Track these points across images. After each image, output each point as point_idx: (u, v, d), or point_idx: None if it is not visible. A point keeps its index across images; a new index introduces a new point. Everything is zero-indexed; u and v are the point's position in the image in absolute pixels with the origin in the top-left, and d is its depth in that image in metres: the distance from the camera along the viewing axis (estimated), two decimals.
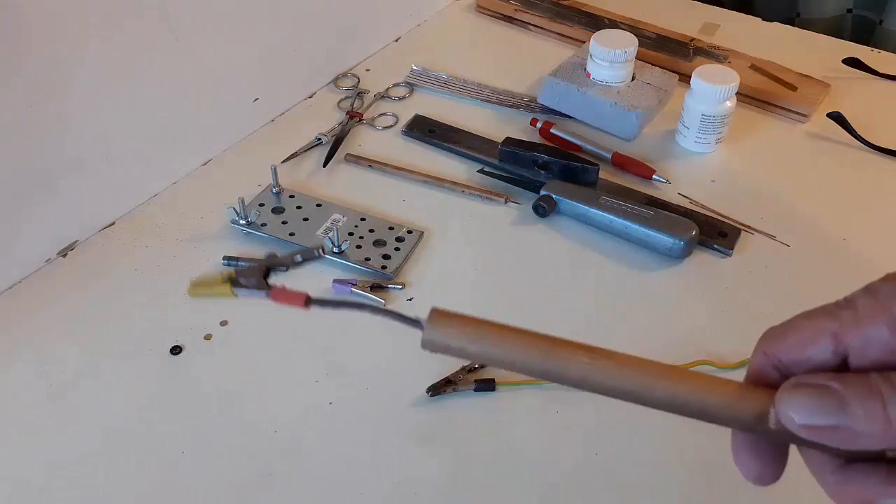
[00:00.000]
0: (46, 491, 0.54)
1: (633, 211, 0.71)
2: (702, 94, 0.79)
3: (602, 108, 0.84)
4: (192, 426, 0.57)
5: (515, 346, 0.30)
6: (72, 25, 0.63)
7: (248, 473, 0.55)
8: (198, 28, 0.73)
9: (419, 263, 0.70)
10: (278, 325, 0.65)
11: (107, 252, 0.70)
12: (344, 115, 0.86)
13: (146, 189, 0.75)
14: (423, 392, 0.59)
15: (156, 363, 0.61)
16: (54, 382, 0.60)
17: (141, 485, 0.54)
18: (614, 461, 0.56)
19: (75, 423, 0.57)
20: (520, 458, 0.56)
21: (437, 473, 0.55)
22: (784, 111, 0.88)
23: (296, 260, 0.34)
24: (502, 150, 0.79)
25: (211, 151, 0.80)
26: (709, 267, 0.71)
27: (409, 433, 0.57)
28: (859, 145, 0.83)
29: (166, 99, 0.73)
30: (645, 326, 0.65)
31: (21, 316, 0.65)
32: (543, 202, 0.73)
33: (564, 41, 1.00)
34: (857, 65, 0.94)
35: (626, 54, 0.82)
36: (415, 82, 0.92)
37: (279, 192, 0.75)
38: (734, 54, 0.94)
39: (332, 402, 0.59)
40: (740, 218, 0.75)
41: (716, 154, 0.83)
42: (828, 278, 0.69)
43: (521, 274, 0.70)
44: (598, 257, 0.71)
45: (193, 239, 0.71)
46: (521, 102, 0.89)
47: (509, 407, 0.59)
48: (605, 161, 0.80)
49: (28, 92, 0.62)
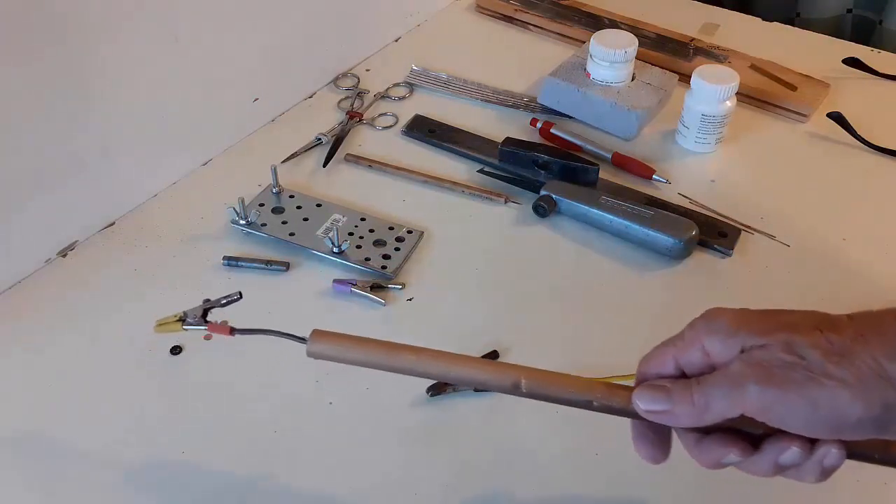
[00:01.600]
0: (46, 491, 0.54)
1: (633, 211, 0.71)
2: (702, 94, 0.79)
3: (602, 108, 0.84)
4: (192, 426, 0.57)
5: (366, 352, 0.44)
6: (71, 28, 0.63)
7: (248, 473, 0.55)
8: (198, 28, 0.73)
9: (419, 263, 0.70)
10: (278, 326, 0.64)
11: (107, 252, 0.70)
12: (344, 115, 0.86)
13: (146, 189, 0.75)
14: (423, 392, 0.59)
15: (156, 363, 0.61)
16: (54, 382, 0.60)
17: (141, 485, 0.54)
18: (614, 461, 0.56)
19: (75, 424, 0.57)
20: (520, 458, 0.56)
21: (436, 473, 0.55)
22: (784, 111, 0.88)
23: (221, 303, 0.48)
24: (502, 150, 0.79)
25: (211, 151, 0.80)
26: (709, 267, 0.71)
27: (409, 433, 0.57)
28: (859, 145, 0.83)
29: (166, 99, 0.73)
30: (645, 326, 0.65)
31: (21, 316, 0.65)
32: (543, 202, 0.73)
33: (564, 41, 1.00)
34: (857, 65, 0.94)
35: (626, 54, 0.82)
36: (415, 82, 0.92)
37: (279, 192, 0.75)
38: (734, 54, 0.94)
39: (332, 402, 0.59)
40: (740, 218, 0.75)
41: (716, 154, 0.83)
42: (828, 278, 0.69)
43: (521, 274, 0.70)
44: (598, 257, 0.71)
45: (193, 239, 0.71)
46: (521, 102, 0.89)
47: (509, 407, 0.59)
48: (605, 161, 0.80)
49: (27, 92, 0.62)
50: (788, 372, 0.38)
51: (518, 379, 0.43)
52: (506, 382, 0.43)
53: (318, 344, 0.44)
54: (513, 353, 0.62)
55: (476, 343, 0.62)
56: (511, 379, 0.43)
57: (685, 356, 0.42)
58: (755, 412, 0.39)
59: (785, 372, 0.38)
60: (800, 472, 0.40)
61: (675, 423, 0.41)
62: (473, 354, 0.61)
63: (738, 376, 0.39)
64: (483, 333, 0.63)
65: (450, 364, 0.43)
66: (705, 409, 0.39)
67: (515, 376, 0.43)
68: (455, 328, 0.65)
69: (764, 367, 0.38)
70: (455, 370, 0.43)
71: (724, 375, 0.39)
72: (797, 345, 0.38)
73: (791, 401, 0.37)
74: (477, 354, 0.61)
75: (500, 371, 0.44)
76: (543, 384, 0.43)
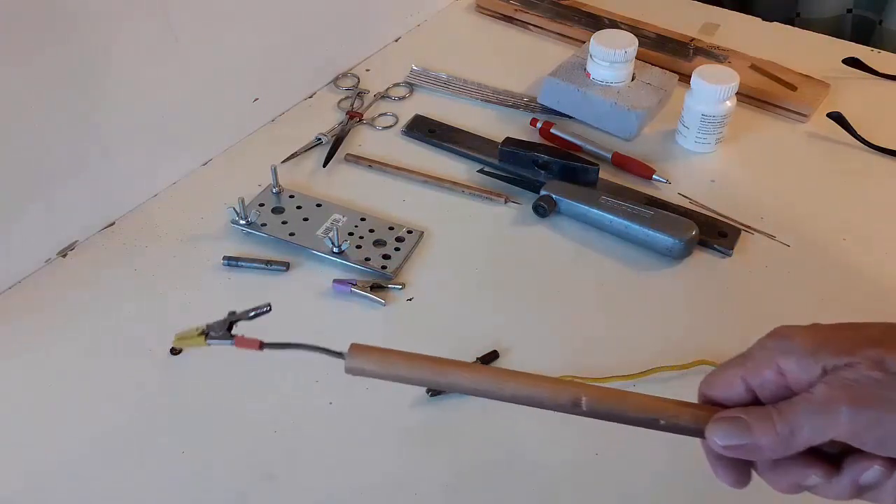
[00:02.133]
0: (46, 490, 0.54)
1: (633, 211, 0.71)
2: (702, 94, 0.79)
3: (602, 108, 0.84)
4: (192, 426, 0.57)
5: (412, 368, 0.40)
6: (72, 28, 0.63)
7: (248, 474, 0.55)
8: (198, 28, 0.73)
9: (419, 263, 0.70)
10: (278, 326, 0.65)
11: (107, 252, 0.70)
12: (344, 115, 0.86)
13: (146, 189, 0.75)
14: (423, 392, 0.59)
15: (156, 363, 0.61)
16: (54, 382, 0.60)
17: (141, 485, 0.54)
18: (614, 461, 0.56)
19: (75, 423, 0.57)
20: (520, 458, 0.56)
21: (436, 473, 0.55)
22: (784, 111, 0.88)
23: (249, 315, 0.44)
24: (502, 150, 0.79)
25: (211, 151, 0.80)
26: (709, 267, 0.71)
27: (409, 433, 0.57)
28: (859, 145, 0.83)
29: (166, 99, 0.73)
30: (645, 326, 0.65)
31: (21, 316, 0.65)
32: (543, 202, 0.73)
33: (564, 41, 1.00)
34: (857, 65, 0.94)
35: (626, 54, 0.82)
36: (415, 82, 0.92)
37: (279, 192, 0.75)
38: (734, 54, 0.94)
39: (332, 402, 0.59)
40: (740, 218, 0.75)
41: (716, 154, 0.83)
42: (828, 278, 0.69)
43: (521, 274, 0.70)
44: (598, 257, 0.71)
45: (193, 239, 0.71)
46: (521, 102, 0.89)
47: (509, 407, 0.59)
48: (605, 161, 0.80)
49: (27, 92, 0.62)
50: (883, 391, 0.35)
51: (578, 397, 0.40)
52: (565, 401, 0.40)
53: (358, 359, 0.40)
54: (513, 353, 0.62)
55: (476, 343, 0.62)
56: (570, 397, 0.40)
57: (757, 378, 0.39)
58: (848, 437, 0.36)
59: (879, 391, 0.35)
60: (879, 493, 0.37)
61: (758, 457, 0.38)
62: (473, 354, 0.61)
63: (826, 400, 0.36)
64: (483, 333, 0.63)
65: (503, 380, 0.40)
66: (790, 439, 0.36)
67: (575, 394, 0.40)
68: (455, 328, 0.65)
69: (855, 388, 0.35)
70: (509, 388, 0.40)
71: (808, 400, 0.36)
72: (888, 362, 0.36)
73: (891, 422, 0.35)
74: (477, 354, 0.61)
75: (558, 389, 0.40)
76: (605, 402, 0.40)
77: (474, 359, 0.61)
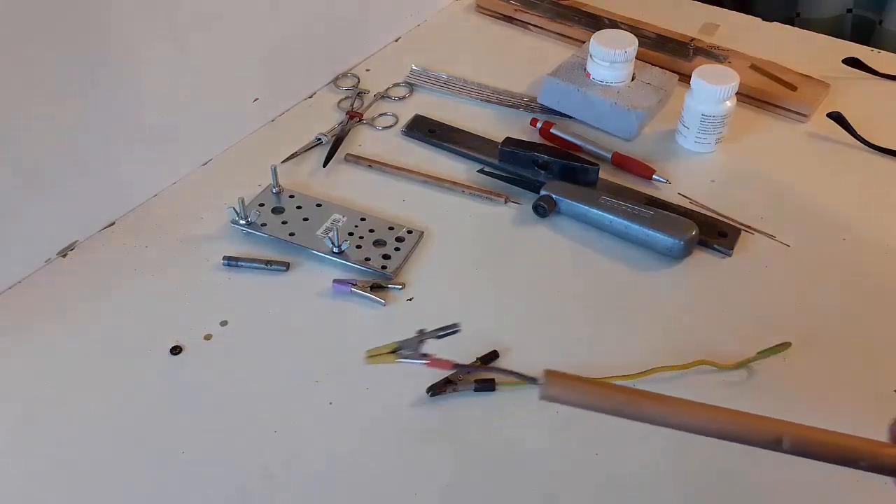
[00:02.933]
0: (46, 490, 0.54)
1: (632, 211, 0.71)
2: (702, 94, 0.79)
3: (602, 108, 0.84)
4: (192, 426, 0.57)
5: (606, 399, 0.40)
6: (72, 28, 0.63)
7: (248, 473, 0.55)
8: (198, 28, 0.73)
9: (419, 263, 0.70)
10: (278, 326, 0.65)
11: (107, 252, 0.70)
12: (344, 115, 0.86)
13: (146, 189, 0.75)
14: (423, 392, 0.59)
15: (156, 363, 0.61)
16: (54, 382, 0.60)
17: (141, 485, 0.54)
18: (614, 461, 0.56)
19: (75, 423, 0.57)
20: (520, 458, 0.56)
21: (437, 473, 0.55)
22: (784, 111, 0.88)
23: (438, 335, 0.45)
24: (502, 150, 0.79)
25: (211, 151, 0.80)
26: (709, 267, 0.71)
27: (409, 433, 0.57)
28: (859, 145, 0.83)
29: (166, 99, 0.73)
30: (645, 326, 0.65)
31: (21, 316, 0.65)
32: (543, 202, 0.73)
33: (564, 41, 1.00)
34: (857, 65, 0.94)
35: (626, 54, 0.82)
36: (415, 82, 0.92)
37: (279, 192, 0.75)
38: (734, 54, 0.94)
39: (332, 402, 0.59)
40: (740, 218, 0.75)
41: (716, 154, 0.83)
42: (828, 278, 0.69)
43: (521, 274, 0.70)
44: (598, 257, 0.71)
45: (193, 239, 0.71)
46: (521, 102, 0.89)
47: (509, 407, 0.59)
48: (605, 161, 0.80)
49: (28, 92, 0.62)
50: None
51: (780, 435, 0.40)
52: (766, 438, 0.40)
53: (554, 388, 0.40)
54: (513, 353, 0.62)
55: (476, 343, 0.62)
56: (772, 435, 0.40)
57: None
58: None
59: None
60: None
61: None
62: (473, 354, 0.61)
63: None
64: (483, 333, 0.63)
65: (701, 416, 0.41)
66: None
67: (776, 432, 0.40)
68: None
69: None
70: (708, 423, 0.40)
71: None
72: None
73: None
74: (477, 354, 0.61)
75: (759, 426, 0.41)
76: (808, 442, 0.40)
77: (474, 359, 0.61)
